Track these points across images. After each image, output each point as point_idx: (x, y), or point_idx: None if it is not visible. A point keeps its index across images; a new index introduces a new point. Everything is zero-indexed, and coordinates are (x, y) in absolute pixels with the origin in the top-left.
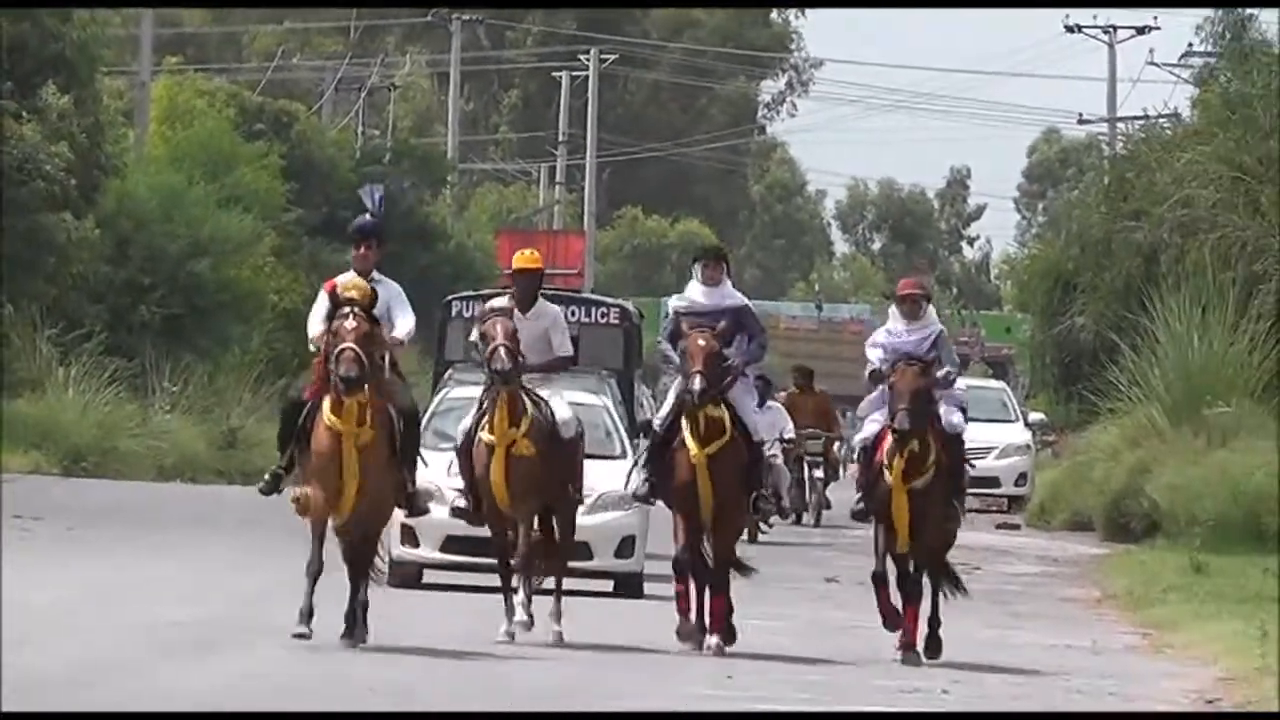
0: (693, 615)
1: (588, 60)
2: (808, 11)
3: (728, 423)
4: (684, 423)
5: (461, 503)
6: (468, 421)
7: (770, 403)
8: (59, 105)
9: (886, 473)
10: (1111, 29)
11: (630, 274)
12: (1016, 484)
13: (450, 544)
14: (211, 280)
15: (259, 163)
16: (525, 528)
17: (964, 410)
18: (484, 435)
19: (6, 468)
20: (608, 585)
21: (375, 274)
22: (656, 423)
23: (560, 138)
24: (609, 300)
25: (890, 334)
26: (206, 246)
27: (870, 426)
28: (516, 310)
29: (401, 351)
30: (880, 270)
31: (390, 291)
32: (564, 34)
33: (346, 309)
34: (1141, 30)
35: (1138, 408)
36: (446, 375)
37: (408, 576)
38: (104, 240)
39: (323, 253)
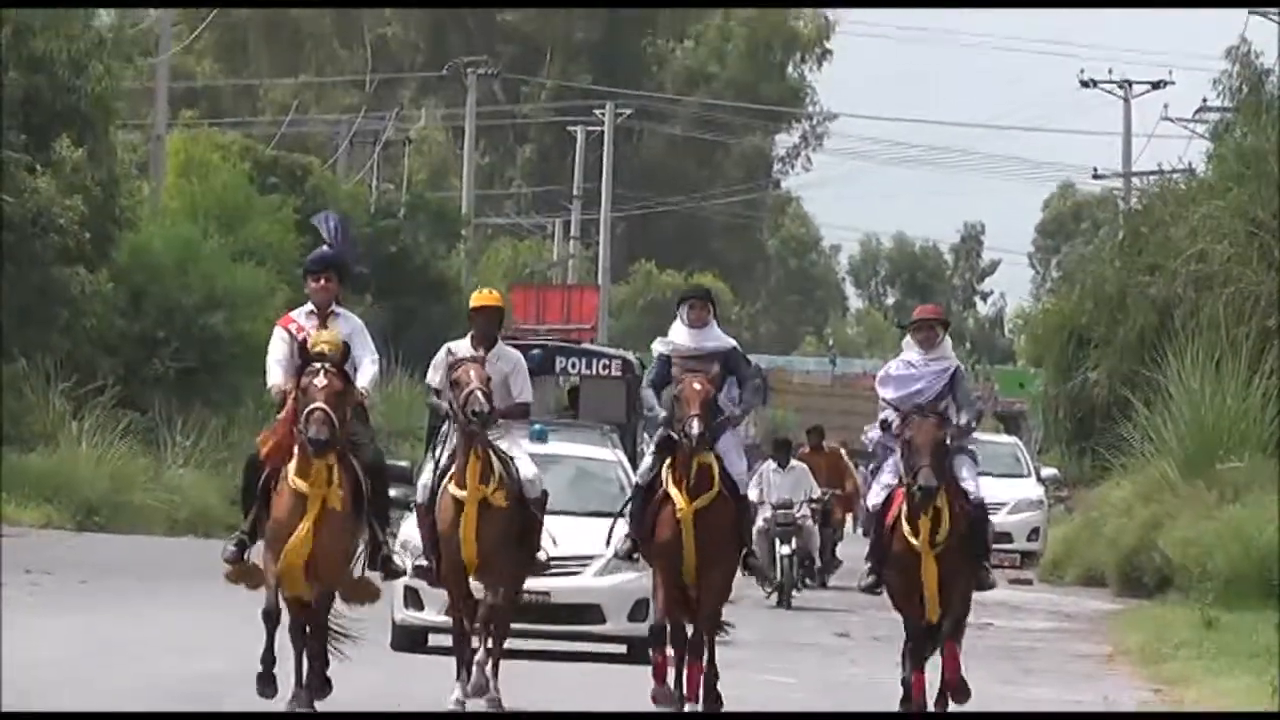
0: (670, 681)
1: (603, 114)
2: (822, 65)
3: (716, 474)
4: (667, 473)
5: (424, 562)
6: (427, 476)
7: (794, 463)
8: (73, 158)
9: (909, 536)
10: (1127, 84)
11: (644, 328)
12: (1029, 539)
13: None
14: (225, 333)
15: (273, 216)
16: (491, 590)
17: (974, 457)
18: (452, 490)
19: (18, 521)
20: (621, 649)
21: (335, 307)
22: (638, 476)
23: (575, 192)
24: (610, 351)
25: (906, 364)
26: (221, 300)
27: (879, 492)
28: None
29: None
30: (893, 326)
31: (351, 326)
32: (579, 88)
33: (317, 365)
34: (1157, 85)
35: (1150, 463)
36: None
37: (411, 640)
38: (118, 293)
39: None
